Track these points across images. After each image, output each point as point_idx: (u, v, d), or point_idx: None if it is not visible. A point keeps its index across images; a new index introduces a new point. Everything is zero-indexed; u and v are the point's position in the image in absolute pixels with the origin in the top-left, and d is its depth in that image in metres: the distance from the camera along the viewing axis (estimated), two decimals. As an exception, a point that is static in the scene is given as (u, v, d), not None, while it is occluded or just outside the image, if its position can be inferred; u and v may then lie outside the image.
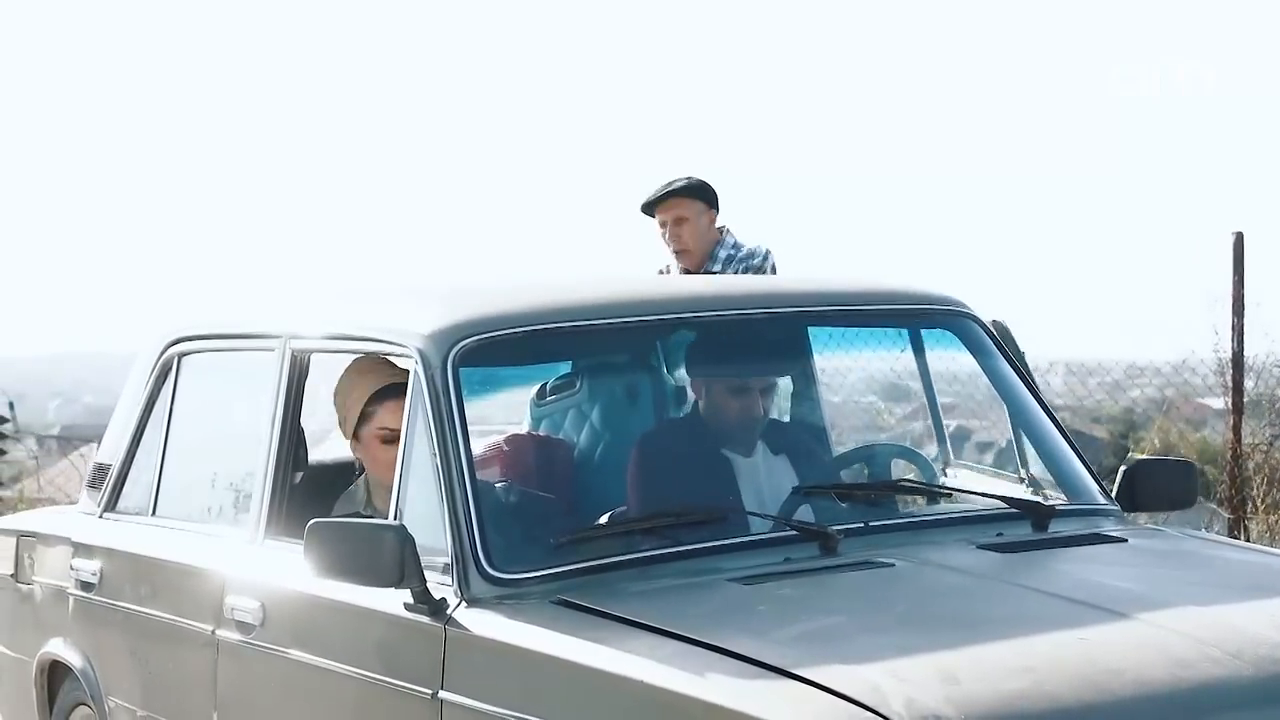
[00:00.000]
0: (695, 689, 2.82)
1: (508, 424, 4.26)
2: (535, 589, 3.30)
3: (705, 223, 5.36)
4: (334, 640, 3.59)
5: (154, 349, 4.55)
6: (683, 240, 5.32)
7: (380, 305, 3.98)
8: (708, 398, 3.97)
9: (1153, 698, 2.73)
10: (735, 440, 3.84)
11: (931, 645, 2.88)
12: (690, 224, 5.33)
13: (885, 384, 9.73)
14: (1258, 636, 2.90)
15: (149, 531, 4.37)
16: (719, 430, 3.87)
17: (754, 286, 3.98)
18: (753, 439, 3.86)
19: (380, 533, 3.35)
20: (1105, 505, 3.84)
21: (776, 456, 3.87)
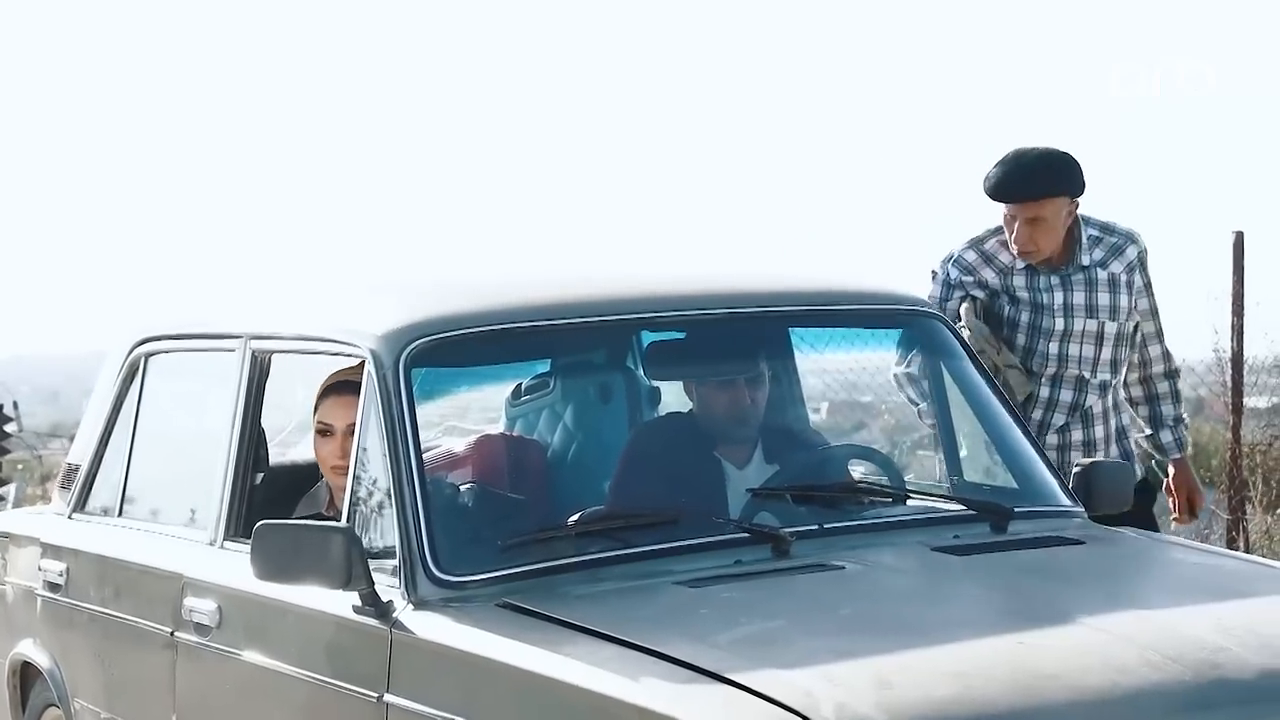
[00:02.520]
0: (629, 694, 2.81)
1: (484, 424, 4.25)
2: (482, 592, 3.28)
3: (1064, 217, 4.51)
4: (285, 642, 3.59)
5: (122, 349, 4.55)
6: (1035, 241, 4.49)
7: (337, 305, 3.97)
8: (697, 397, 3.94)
9: (1086, 703, 2.70)
10: (725, 442, 3.82)
11: (869, 649, 2.86)
12: (1046, 224, 4.48)
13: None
14: (1200, 640, 2.87)
15: (114, 532, 4.37)
16: (704, 432, 3.85)
17: (714, 285, 3.94)
18: (739, 439, 3.83)
19: (328, 535, 3.34)
20: (1067, 507, 3.81)
21: (770, 465, 3.85)
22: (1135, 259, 4.60)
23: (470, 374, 4.10)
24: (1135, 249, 4.60)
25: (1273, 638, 2.91)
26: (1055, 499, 3.82)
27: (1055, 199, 4.47)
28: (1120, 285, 4.58)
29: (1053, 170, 4.49)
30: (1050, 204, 4.47)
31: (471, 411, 4.34)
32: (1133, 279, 4.59)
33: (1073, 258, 4.56)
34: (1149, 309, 4.67)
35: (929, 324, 4.04)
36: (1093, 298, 4.57)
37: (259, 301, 4.28)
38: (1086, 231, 4.57)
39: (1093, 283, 4.57)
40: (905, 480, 3.98)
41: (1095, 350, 4.58)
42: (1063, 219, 4.51)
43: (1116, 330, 4.58)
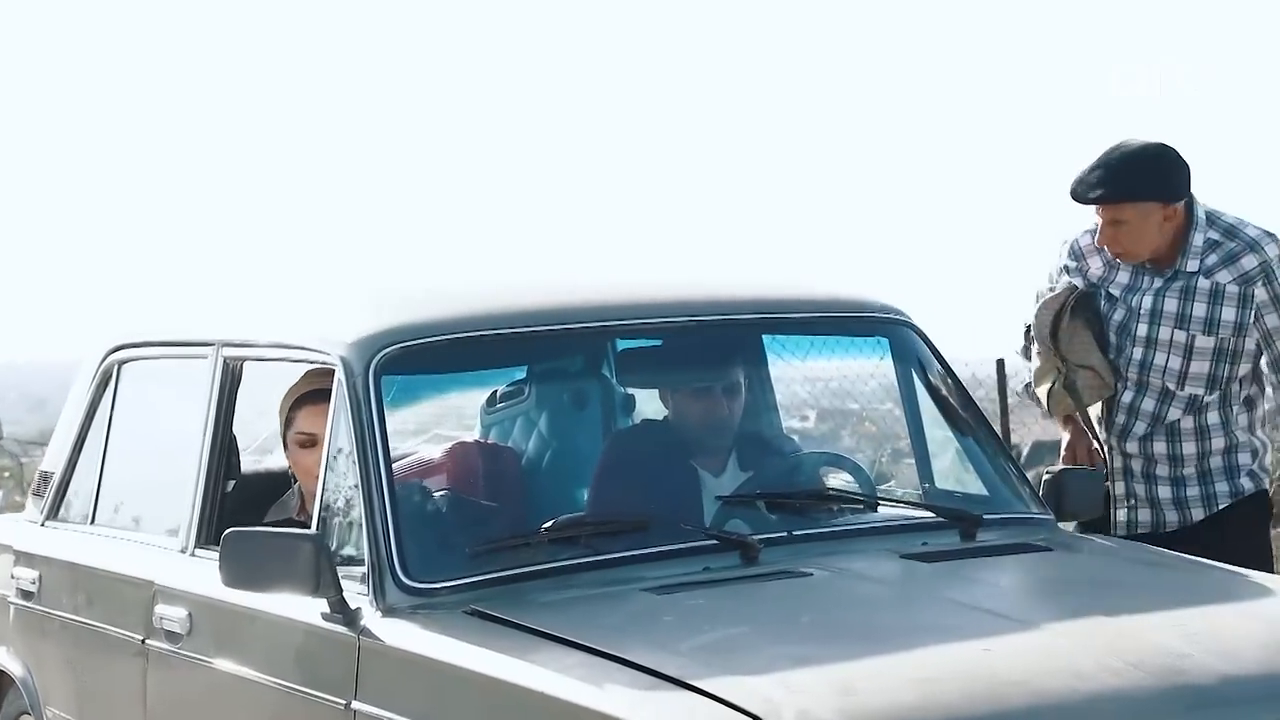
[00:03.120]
0: (592, 700, 2.81)
1: (459, 431, 4.25)
2: (450, 599, 3.28)
3: (1157, 220, 4.22)
4: (254, 650, 3.59)
5: (95, 356, 4.56)
6: (1118, 242, 4.24)
7: (308, 312, 3.98)
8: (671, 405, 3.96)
9: (1047, 708, 2.71)
10: (700, 450, 3.83)
11: (832, 656, 2.86)
12: (1130, 227, 4.23)
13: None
14: (1161, 646, 2.88)
15: (87, 540, 4.37)
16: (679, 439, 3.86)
17: (683, 292, 3.95)
18: (714, 447, 3.84)
19: (296, 542, 3.35)
20: (1036, 514, 3.82)
21: (745, 472, 3.86)
22: (1256, 269, 4.19)
23: (441, 381, 4.11)
24: (1256, 258, 4.19)
25: (1234, 644, 2.92)
26: (1024, 506, 3.83)
27: (1137, 203, 4.19)
28: (1225, 296, 4.21)
29: (1135, 173, 4.20)
30: (1131, 208, 4.19)
31: (446, 418, 4.35)
32: (1248, 291, 4.20)
33: (1178, 262, 4.24)
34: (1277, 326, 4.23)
35: (901, 331, 4.05)
36: (1187, 307, 4.24)
37: (231, 309, 4.29)
38: (1207, 234, 4.22)
39: (1190, 291, 4.23)
40: (875, 487, 3.99)
41: (1183, 363, 4.25)
42: (1154, 223, 4.20)
43: (1215, 345, 4.22)
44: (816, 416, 7.94)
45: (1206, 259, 4.22)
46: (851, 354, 4.33)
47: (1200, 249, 4.22)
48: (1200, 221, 4.23)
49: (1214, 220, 4.25)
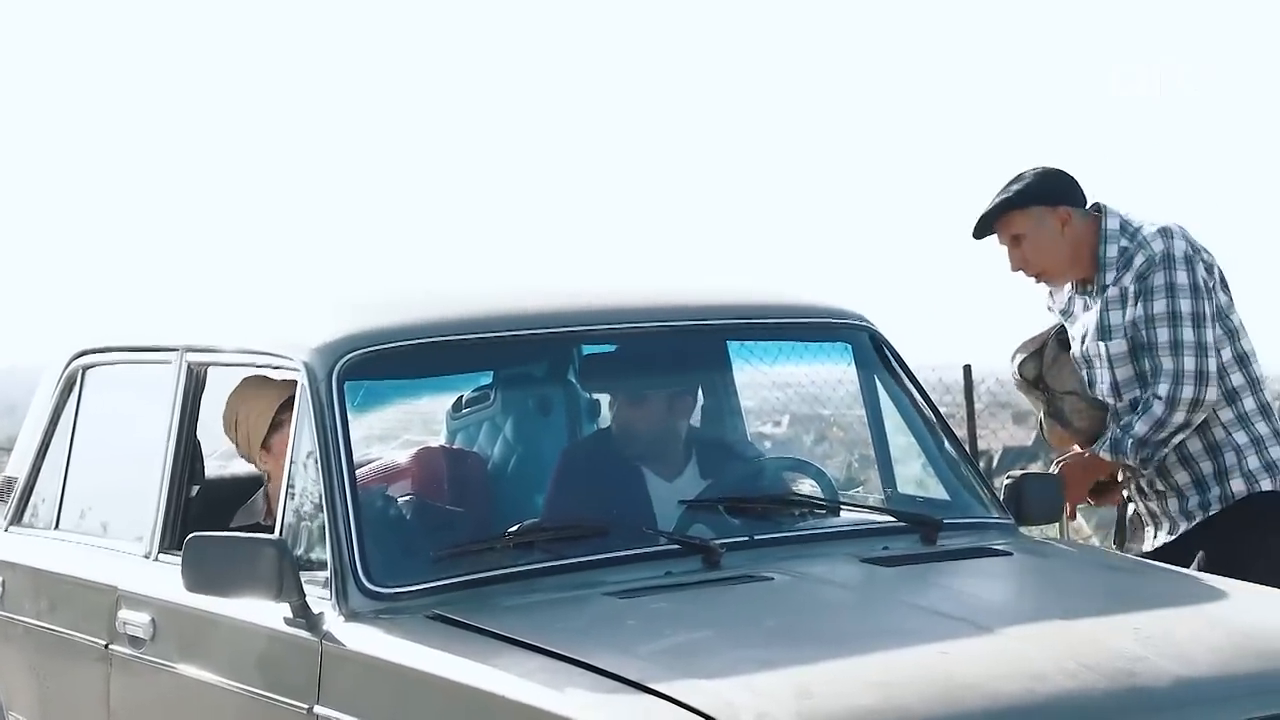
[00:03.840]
0: (553, 704, 2.83)
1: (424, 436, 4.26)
2: (413, 603, 3.30)
3: (1052, 227, 4.24)
4: (217, 654, 3.60)
5: (59, 362, 4.55)
6: (1025, 260, 4.23)
7: (272, 318, 3.98)
8: (615, 411, 3.98)
9: (1003, 710, 2.74)
10: (654, 456, 3.85)
11: (792, 659, 2.88)
12: (1029, 239, 4.24)
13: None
14: (1117, 649, 2.91)
15: (50, 545, 4.36)
16: (632, 445, 3.88)
17: (648, 298, 3.97)
18: (669, 454, 3.86)
19: (259, 547, 3.36)
20: (997, 519, 3.85)
21: (702, 478, 3.87)
22: (1143, 264, 4.17)
23: (405, 386, 4.12)
24: (1143, 255, 4.18)
25: (1189, 648, 2.95)
26: (985, 511, 3.86)
27: (1025, 210, 4.23)
28: (1130, 298, 4.20)
29: (1011, 187, 4.27)
30: (1020, 216, 4.23)
31: (411, 424, 4.36)
32: (1143, 287, 4.17)
33: (1099, 274, 4.24)
34: (1145, 315, 4.18)
35: (863, 337, 4.07)
36: (1106, 317, 4.24)
37: (195, 314, 4.30)
38: (1120, 243, 4.22)
39: (1109, 300, 4.23)
40: (838, 491, 4.02)
41: (1110, 374, 4.24)
42: (1050, 230, 4.23)
43: (1128, 348, 4.21)
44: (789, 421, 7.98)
45: (1119, 267, 4.23)
46: (815, 360, 4.36)
47: (1115, 259, 4.23)
48: (1112, 233, 4.24)
49: (1124, 228, 4.26)
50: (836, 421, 8.83)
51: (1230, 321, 4.28)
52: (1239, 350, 4.27)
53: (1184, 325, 4.15)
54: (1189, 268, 4.17)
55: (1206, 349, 4.16)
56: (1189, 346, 4.15)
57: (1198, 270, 4.19)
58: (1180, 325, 4.15)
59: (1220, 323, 4.24)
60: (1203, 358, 4.15)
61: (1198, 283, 4.18)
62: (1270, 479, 4.20)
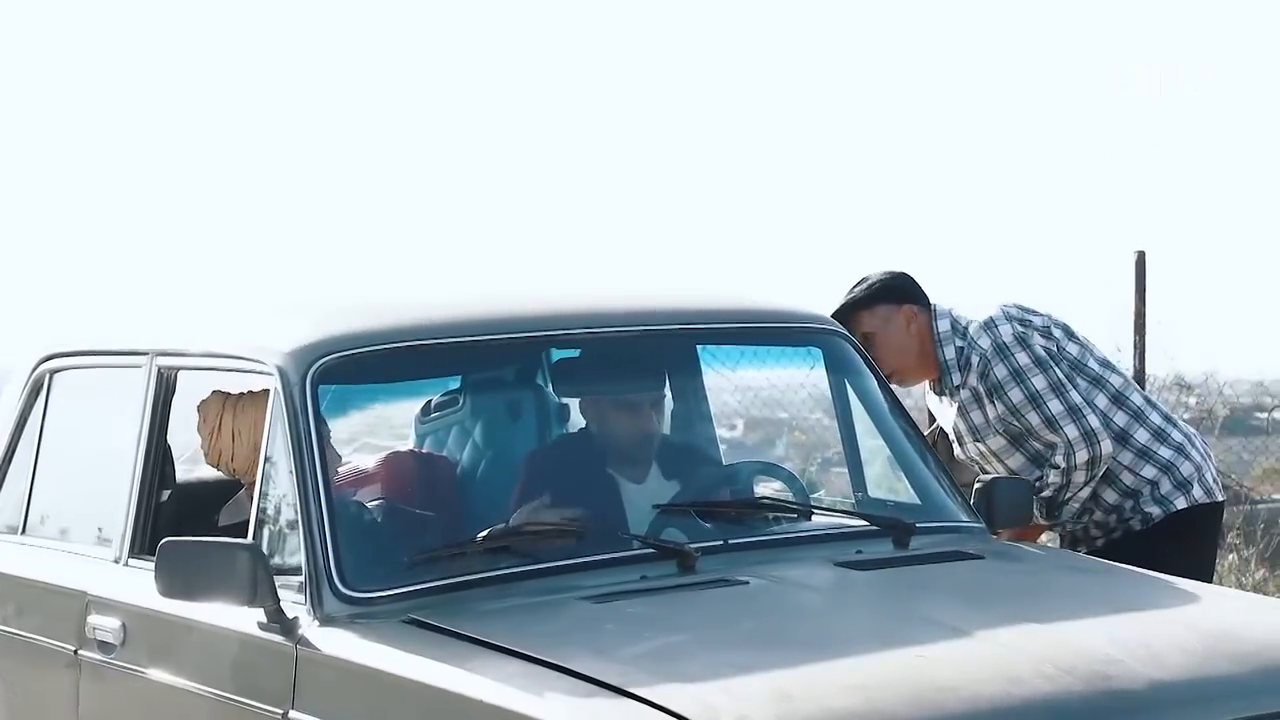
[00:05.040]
0: (531, 708, 2.83)
1: (392, 441, 4.25)
2: (388, 608, 3.29)
3: (899, 324, 4.35)
4: (190, 660, 3.58)
5: (26, 365, 4.52)
6: (878, 359, 4.26)
7: (243, 322, 3.97)
8: (585, 415, 3.99)
9: (980, 713, 2.76)
10: (624, 460, 3.86)
11: (770, 663, 2.90)
12: (880, 338, 4.35)
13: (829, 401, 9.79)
14: (1093, 653, 2.93)
15: (16, 550, 4.33)
16: (602, 449, 3.89)
17: (622, 303, 3.99)
18: (639, 458, 3.87)
19: (233, 551, 3.35)
20: (968, 523, 3.88)
21: (670, 481, 3.89)
22: (978, 362, 4.29)
23: (378, 391, 4.11)
24: (977, 354, 4.29)
25: (1162, 650, 2.98)
26: (956, 515, 3.89)
27: (872, 309, 4.34)
28: (983, 397, 4.31)
29: (858, 285, 4.40)
30: (867, 316, 4.34)
31: (378, 428, 4.35)
32: (991, 383, 4.29)
33: (945, 377, 4.36)
34: (1008, 408, 4.28)
35: (834, 342, 4.09)
36: (969, 419, 4.36)
37: (165, 318, 4.28)
38: (956, 344, 4.33)
39: (965, 403, 4.34)
40: (810, 496, 4.04)
41: (1002, 465, 4.35)
42: (899, 327, 4.34)
43: (1005, 440, 4.32)
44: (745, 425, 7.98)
45: (961, 367, 4.32)
46: (784, 364, 4.38)
47: (954, 360, 4.33)
48: (945, 335, 4.34)
49: (955, 327, 4.35)
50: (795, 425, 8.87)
51: (1090, 370, 4.37)
52: (1111, 391, 4.37)
53: (1047, 400, 4.24)
54: (1023, 346, 4.27)
55: (1080, 410, 4.25)
56: (1062, 416, 4.23)
57: (1033, 345, 4.28)
58: (1044, 402, 4.24)
59: (1080, 375, 4.33)
60: (1080, 419, 4.24)
61: (1039, 355, 4.28)
62: (1184, 496, 4.32)
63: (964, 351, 4.32)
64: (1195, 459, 4.36)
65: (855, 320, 4.34)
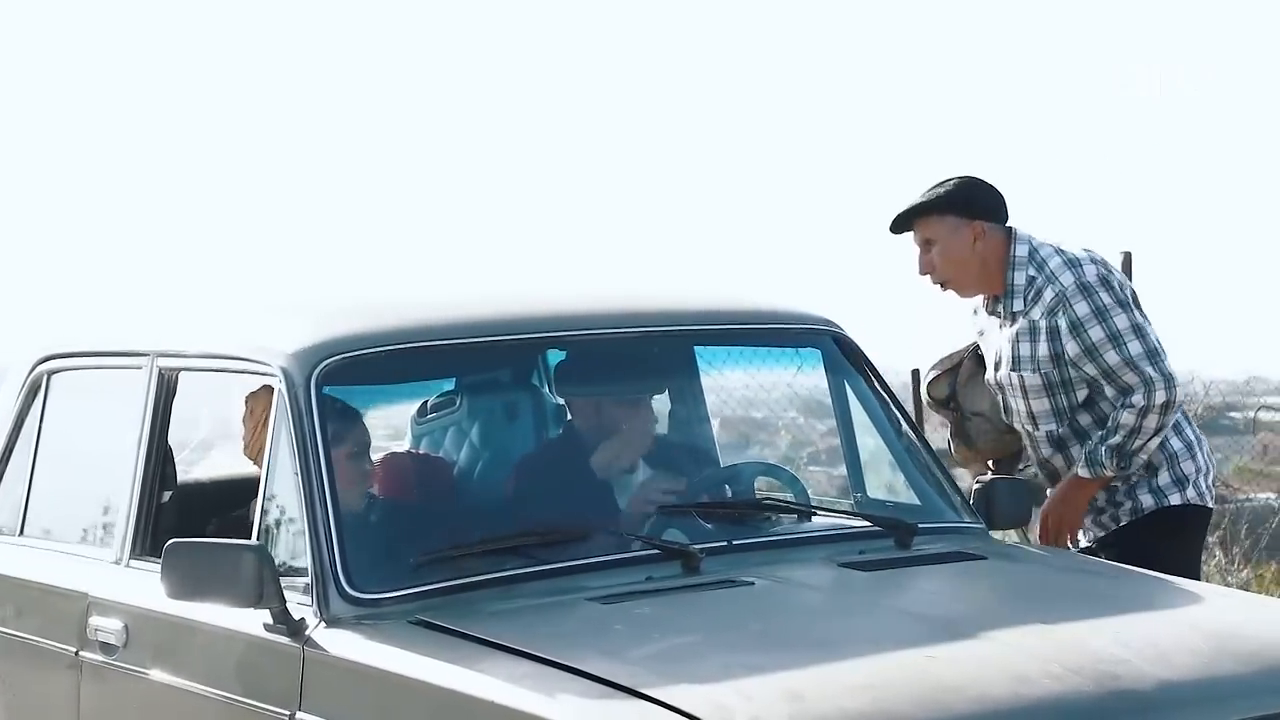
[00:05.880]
0: (546, 709, 2.83)
1: (389, 442, 4.26)
2: (395, 609, 3.30)
3: (965, 238, 4.23)
4: (194, 661, 3.58)
5: (23, 367, 4.52)
6: (933, 265, 4.23)
7: (246, 323, 3.97)
8: (583, 416, 4.00)
9: (992, 714, 2.77)
10: (616, 458, 3.87)
11: (781, 664, 2.91)
12: (940, 247, 4.24)
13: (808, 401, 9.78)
14: (1100, 653, 2.95)
15: (15, 551, 4.32)
16: (598, 448, 3.89)
17: (622, 304, 4.00)
18: (633, 457, 3.88)
19: (239, 553, 3.35)
20: (969, 523, 3.89)
21: (656, 475, 3.89)
22: (1053, 299, 4.18)
23: (380, 392, 4.12)
24: (1053, 289, 4.18)
25: (1169, 650, 3.00)
26: (956, 515, 3.91)
27: (943, 217, 4.23)
28: (1040, 333, 4.21)
29: (933, 190, 4.28)
30: (937, 222, 4.23)
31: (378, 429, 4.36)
32: (1054, 323, 4.18)
33: (1006, 300, 4.26)
34: (1084, 348, 4.19)
35: (833, 342, 4.11)
36: (1017, 349, 4.26)
37: (166, 319, 4.27)
38: (1028, 271, 4.23)
39: (1019, 332, 4.25)
40: (810, 496, 4.05)
41: (1025, 403, 4.28)
42: (963, 241, 4.23)
43: (1042, 381, 4.23)
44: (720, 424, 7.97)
45: (1028, 296, 4.22)
46: (784, 365, 4.40)
47: (1023, 287, 4.22)
48: (1020, 260, 4.23)
49: (1032, 256, 4.24)
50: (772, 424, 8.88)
51: None
52: None
53: (1128, 340, 4.17)
54: (1106, 287, 4.19)
55: (1159, 353, 4.19)
56: (1142, 357, 4.16)
57: (1115, 287, 4.20)
58: (1125, 341, 4.17)
59: None
60: (1160, 362, 4.18)
61: (1123, 298, 4.21)
62: (1179, 493, 4.28)
63: (1035, 282, 4.20)
64: (1199, 461, 4.34)
65: (921, 222, 4.25)
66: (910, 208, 4.27)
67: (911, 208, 4.27)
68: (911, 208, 4.27)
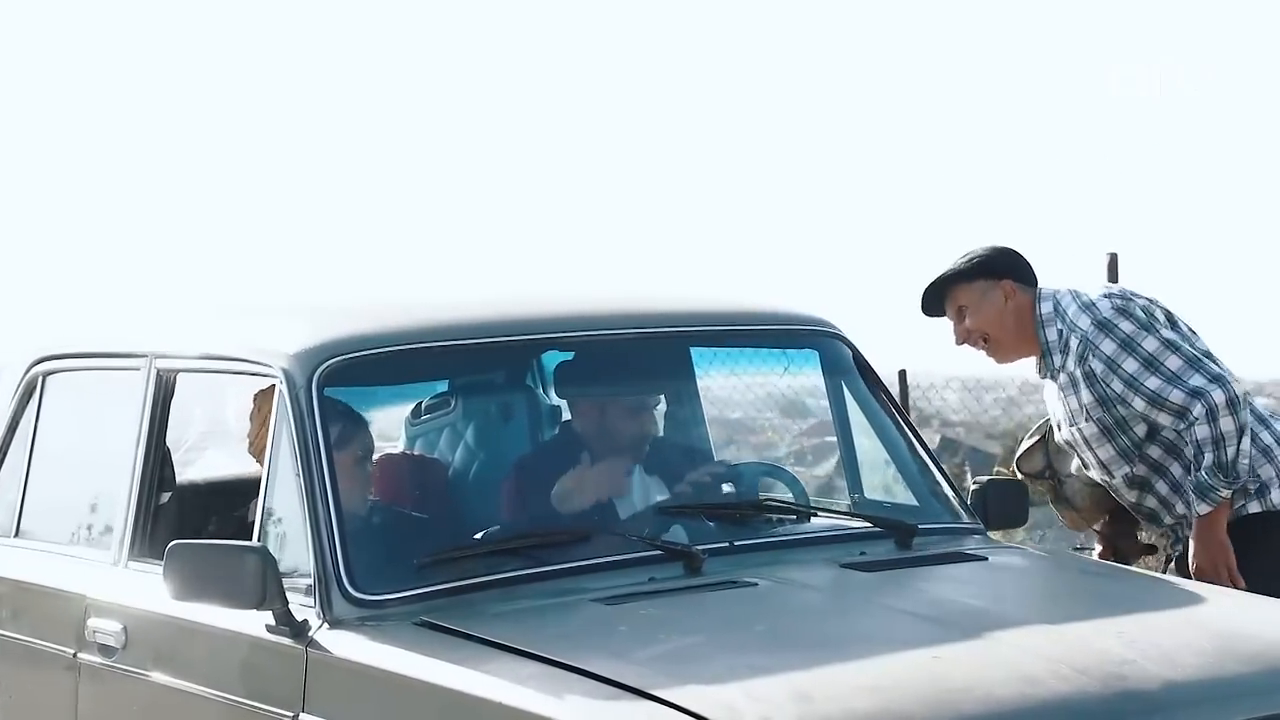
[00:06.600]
0: (554, 710, 2.83)
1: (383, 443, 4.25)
2: (398, 610, 3.30)
3: (996, 298, 4.23)
4: (196, 662, 3.57)
5: (19, 368, 4.50)
6: (969, 330, 4.24)
7: (246, 324, 3.97)
8: (582, 417, 4.00)
9: (1000, 715, 2.78)
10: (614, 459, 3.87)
11: (787, 665, 2.91)
12: (974, 310, 4.25)
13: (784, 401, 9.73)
14: (1106, 653, 2.96)
15: (11, 553, 4.31)
16: (595, 449, 3.90)
17: (621, 305, 4.01)
18: (631, 459, 3.88)
19: (242, 554, 3.34)
20: (968, 524, 3.90)
21: (653, 476, 3.90)
22: (1079, 346, 4.16)
23: (380, 393, 4.12)
24: (1076, 338, 4.16)
25: (1174, 651, 3.01)
26: (955, 516, 3.92)
27: (970, 283, 4.24)
28: (1079, 382, 4.18)
29: (957, 262, 4.29)
30: (965, 290, 4.25)
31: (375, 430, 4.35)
32: (1088, 369, 4.14)
33: (1047, 359, 4.24)
34: (1125, 382, 4.11)
35: (830, 344, 4.11)
36: (1067, 403, 4.22)
37: (164, 321, 4.26)
38: (1055, 327, 4.21)
39: (1062, 387, 4.22)
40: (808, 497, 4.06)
41: (1092, 454, 4.23)
42: (995, 303, 4.23)
43: (1098, 428, 4.18)
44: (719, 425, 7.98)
45: (1062, 352, 4.20)
46: (781, 366, 4.40)
47: (1055, 342, 4.20)
48: (1048, 317, 4.22)
49: (1057, 308, 4.22)
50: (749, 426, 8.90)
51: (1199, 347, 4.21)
52: None
53: (1163, 360, 4.09)
54: (1125, 315, 4.13)
55: (1199, 359, 4.11)
56: (1183, 369, 4.08)
57: (1134, 313, 4.15)
58: (1160, 362, 4.09)
59: None
60: (1203, 367, 4.09)
61: (1143, 320, 4.13)
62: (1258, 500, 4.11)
63: (1063, 335, 4.19)
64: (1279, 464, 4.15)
65: (951, 293, 4.27)
66: (938, 279, 4.28)
67: (939, 279, 4.28)
68: (939, 279, 4.28)
